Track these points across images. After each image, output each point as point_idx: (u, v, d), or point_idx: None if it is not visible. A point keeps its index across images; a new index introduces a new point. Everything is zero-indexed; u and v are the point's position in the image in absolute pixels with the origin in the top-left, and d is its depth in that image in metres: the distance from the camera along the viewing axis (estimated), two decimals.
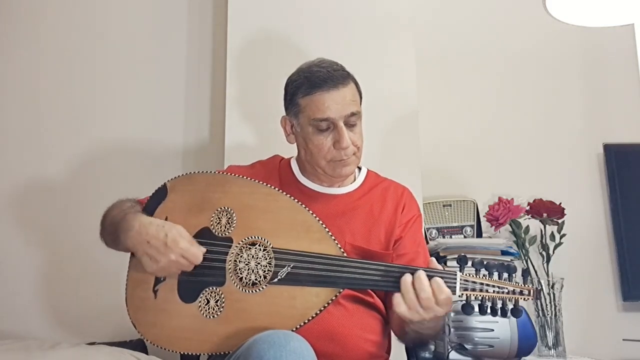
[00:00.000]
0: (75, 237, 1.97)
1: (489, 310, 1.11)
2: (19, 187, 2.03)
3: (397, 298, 1.12)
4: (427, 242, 1.87)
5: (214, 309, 1.20)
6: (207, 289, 1.21)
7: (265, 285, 1.19)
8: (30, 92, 2.10)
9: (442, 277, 1.12)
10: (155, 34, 2.19)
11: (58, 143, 2.06)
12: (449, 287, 1.11)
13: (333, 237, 1.20)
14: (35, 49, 2.13)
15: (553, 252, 1.97)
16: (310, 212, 1.23)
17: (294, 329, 1.13)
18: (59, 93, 2.11)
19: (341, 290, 1.17)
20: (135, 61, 2.16)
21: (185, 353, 1.22)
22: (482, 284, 1.12)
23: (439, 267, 1.15)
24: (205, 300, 1.21)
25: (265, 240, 1.22)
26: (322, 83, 1.31)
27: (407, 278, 1.11)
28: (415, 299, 1.10)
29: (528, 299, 1.11)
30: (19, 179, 2.03)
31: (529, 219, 1.99)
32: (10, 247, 1.97)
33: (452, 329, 1.61)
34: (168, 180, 1.34)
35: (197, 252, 1.20)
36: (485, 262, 1.14)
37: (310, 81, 1.33)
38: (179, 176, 1.34)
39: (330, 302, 1.16)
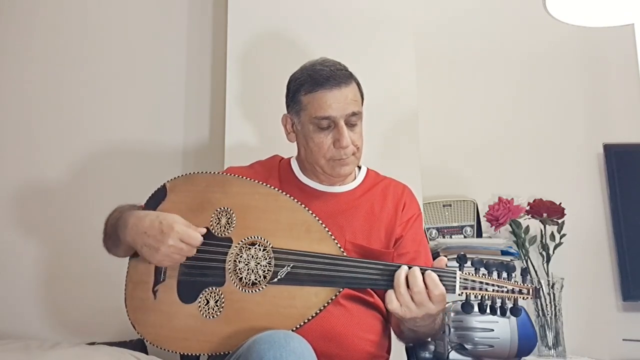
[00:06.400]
0: (76, 237, 1.97)
1: (488, 309, 1.11)
2: (19, 187, 2.03)
3: (389, 295, 1.12)
4: (427, 242, 1.87)
5: (213, 309, 1.20)
6: (206, 289, 1.21)
7: (265, 285, 1.19)
8: (30, 93, 2.10)
9: (441, 276, 1.12)
10: (155, 34, 2.20)
11: (58, 143, 2.07)
12: (448, 285, 1.11)
13: (333, 237, 1.20)
14: (34, 49, 2.13)
15: (553, 252, 1.97)
16: (310, 211, 1.23)
17: (294, 329, 1.13)
18: (59, 93, 2.11)
19: (341, 289, 1.17)
20: (135, 61, 2.16)
21: (185, 353, 1.21)
22: (481, 282, 1.12)
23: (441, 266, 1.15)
24: (205, 301, 1.21)
25: (265, 240, 1.22)
26: (324, 81, 1.32)
27: (401, 272, 1.12)
28: (407, 293, 1.10)
29: (527, 298, 1.11)
30: (19, 179, 2.03)
31: (529, 219, 1.98)
32: (11, 248, 1.97)
33: (452, 329, 1.61)
34: (167, 181, 1.34)
35: (195, 234, 1.19)
36: (484, 261, 1.14)
37: (313, 79, 1.33)
38: (178, 176, 1.34)
39: (330, 301, 1.16)
